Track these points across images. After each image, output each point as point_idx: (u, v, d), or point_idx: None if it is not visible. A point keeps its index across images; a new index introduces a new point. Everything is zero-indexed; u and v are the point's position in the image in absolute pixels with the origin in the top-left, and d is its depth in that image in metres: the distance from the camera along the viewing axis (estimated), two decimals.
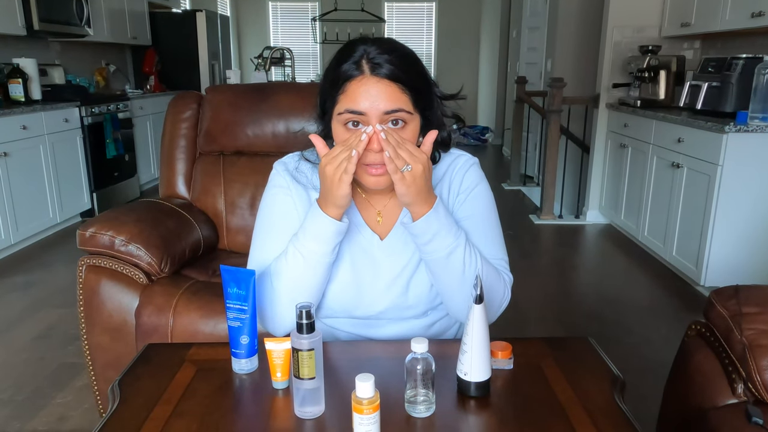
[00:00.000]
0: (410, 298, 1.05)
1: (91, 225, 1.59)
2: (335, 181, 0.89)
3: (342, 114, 0.92)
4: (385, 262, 1.04)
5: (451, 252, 0.95)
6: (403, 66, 0.92)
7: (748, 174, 2.69)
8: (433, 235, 0.94)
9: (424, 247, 0.97)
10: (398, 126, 0.92)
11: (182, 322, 1.50)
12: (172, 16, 6.21)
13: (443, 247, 0.95)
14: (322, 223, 0.94)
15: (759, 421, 0.97)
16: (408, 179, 0.88)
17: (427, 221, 0.93)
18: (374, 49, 0.91)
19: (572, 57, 4.82)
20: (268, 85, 2.28)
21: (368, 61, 0.91)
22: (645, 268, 3.35)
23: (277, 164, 1.10)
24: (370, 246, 1.04)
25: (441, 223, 0.94)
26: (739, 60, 2.94)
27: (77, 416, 1.89)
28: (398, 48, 0.94)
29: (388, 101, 0.90)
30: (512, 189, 5.42)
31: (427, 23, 9.14)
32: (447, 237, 0.95)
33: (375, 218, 1.06)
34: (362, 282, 1.04)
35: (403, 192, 0.89)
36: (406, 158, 0.88)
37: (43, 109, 3.73)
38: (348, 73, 0.91)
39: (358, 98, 0.90)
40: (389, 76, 0.90)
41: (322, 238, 0.95)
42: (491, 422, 0.85)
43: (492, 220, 1.08)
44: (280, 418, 0.86)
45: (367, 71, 0.90)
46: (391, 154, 0.87)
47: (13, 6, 3.80)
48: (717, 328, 1.11)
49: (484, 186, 1.08)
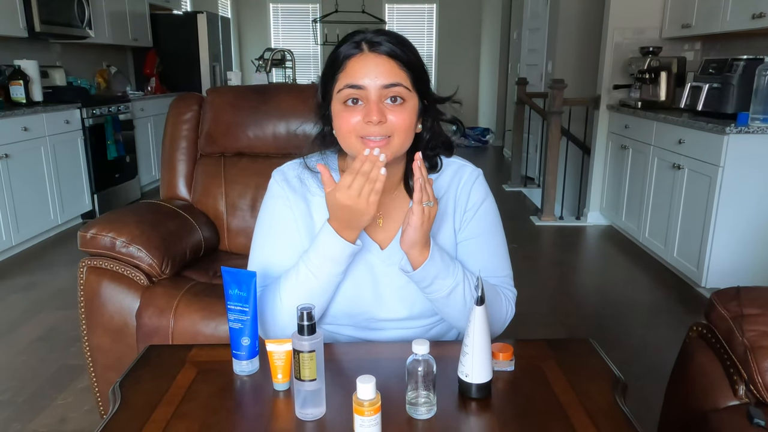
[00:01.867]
0: (415, 311, 1.05)
1: (92, 226, 1.59)
2: (362, 207, 0.88)
3: (342, 91, 0.93)
4: (386, 273, 1.03)
5: (450, 291, 0.97)
6: (401, 47, 0.94)
7: (749, 175, 2.69)
8: (433, 278, 0.96)
9: (425, 290, 0.98)
10: (397, 103, 0.93)
11: (183, 324, 1.50)
12: (173, 18, 6.22)
13: (443, 288, 0.97)
14: (337, 246, 0.93)
15: (761, 422, 0.97)
16: (426, 215, 0.89)
17: (425, 269, 0.94)
18: (373, 33, 0.94)
19: (573, 58, 4.82)
20: (269, 86, 2.28)
21: (367, 42, 0.93)
22: (646, 269, 3.34)
23: (276, 173, 1.08)
24: (370, 255, 1.03)
25: (438, 268, 0.95)
26: (739, 61, 2.94)
27: (78, 418, 1.89)
28: (396, 34, 0.97)
29: (387, 75, 0.92)
30: (513, 190, 5.42)
31: (428, 25, 9.14)
32: (446, 279, 0.96)
33: (375, 222, 1.04)
34: (362, 293, 1.03)
35: (417, 226, 0.90)
36: (431, 196, 0.90)
37: (44, 111, 3.74)
38: (347, 52, 0.93)
39: (357, 73, 0.92)
40: (388, 53, 0.92)
41: (337, 259, 0.95)
42: (492, 424, 0.85)
43: (498, 237, 1.09)
44: (281, 419, 0.86)
45: (365, 49, 0.92)
46: (424, 184, 0.88)
47: (14, 8, 3.81)
48: (718, 329, 1.11)
49: (490, 201, 1.09)
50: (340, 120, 0.95)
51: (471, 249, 1.06)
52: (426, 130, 1.02)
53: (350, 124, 0.93)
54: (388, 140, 0.93)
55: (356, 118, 0.92)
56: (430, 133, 1.02)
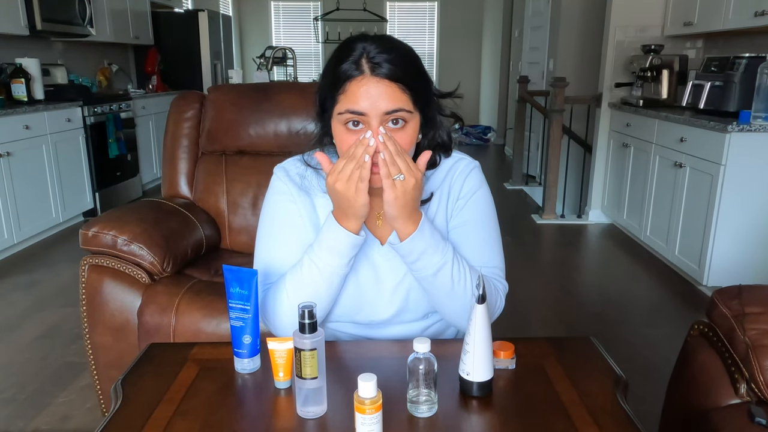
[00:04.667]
0: (410, 303, 1.05)
1: (94, 224, 1.60)
2: (351, 194, 0.89)
3: (342, 114, 0.92)
4: (386, 266, 1.04)
5: (438, 269, 0.96)
6: (403, 65, 0.92)
7: (751, 173, 2.69)
8: (420, 254, 0.95)
9: (412, 266, 0.97)
10: (399, 125, 0.92)
11: (185, 322, 1.51)
12: (175, 16, 6.21)
13: (431, 265, 0.96)
14: (339, 237, 0.94)
15: (762, 421, 0.97)
16: (399, 189, 0.88)
17: (412, 242, 0.93)
18: (373, 47, 0.91)
19: (574, 56, 4.82)
20: (270, 84, 2.28)
21: (368, 61, 0.90)
22: (647, 267, 3.34)
23: (278, 169, 1.08)
24: (371, 250, 1.04)
25: (427, 243, 0.94)
26: (741, 59, 2.93)
27: (80, 415, 1.90)
28: (397, 46, 0.94)
29: (388, 101, 0.90)
30: (514, 189, 5.42)
31: (429, 23, 9.13)
32: (434, 255, 0.95)
33: (374, 222, 1.05)
34: (364, 287, 1.04)
35: (390, 201, 0.89)
36: (402, 168, 0.88)
37: (45, 109, 3.74)
38: (348, 73, 0.90)
39: (359, 99, 0.90)
40: (389, 76, 0.90)
41: (340, 251, 0.95)
42: (494, 422, 0.85)
43: (490, 227, 1.07)
44: (283, 417, 0.86)
45: (367, 71, 0.90)
46: (387, 158, 0.88)
47: (15, 6, 3.81)
48: (720, 327, 1.11)
49: (485, 191, 1.08)
50: (340, 140, 0.94)
51: (461, 236, 1.05)
52: (426, 139, 1.02)
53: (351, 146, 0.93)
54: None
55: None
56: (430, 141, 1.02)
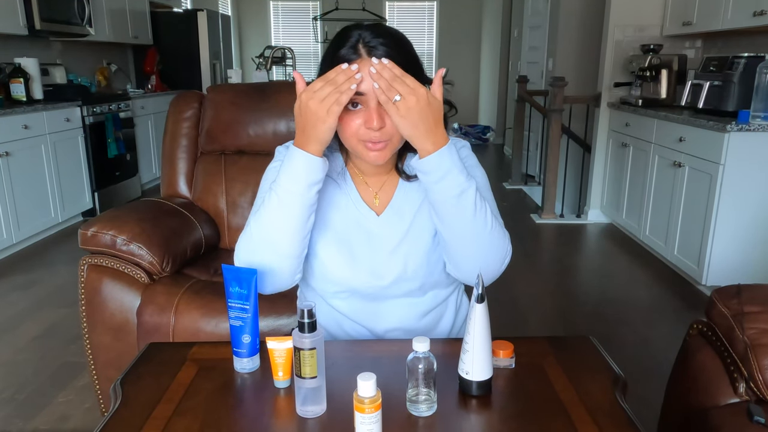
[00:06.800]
0: (408, 270, 1.05)
1: (93, 224, 1.60)
2: (322, 113, 0.89)
3: None
4: (381, 235, 1.06)
5: (463, 191, 0.93)
6: (397, 48, 0.95)
7: (750, 173, 2.69)
8: (446, 172, 0.92)
9: (435, 186, 0.94)
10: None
11: (184, 321, 1.51)
12: (174, 16, 6.21)
13: (455, 185, 0.93)
14: (298, 159, 0.93)
15: (761, 420, 0.97)
16: (402, 110, 0.88)
17: (440, 156, 0.92)
18: (369, 33, 0.95)
19: (574, 56, 4.82)
20: (270, 84, 2.28)
21: (364, 45, 0.93)
22: (646, 267, 3.34)
23: (280, 147, 1.10)
24: (366, 221, 1.06)
25: (454, 162, 0.93)
26: (740, 59, 2.93)
27: (79, 415, 1.90)
28: (391, 32, 0.97)
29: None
30: (513, 188, 5.42)
31: (428, 22, 9.13)
32: (459, 176, 0.93)
33: (372, 200, 1.07)
34: (358, 252, 1.05)
35: (399, 122, 0.90)
36: (400, 90, 0.88)
37: (44, 109, 3.74)
38: (346, 57, 0.93)
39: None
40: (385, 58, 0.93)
41: (298, 174, 0.94)
42: (493, 421, 0.85)
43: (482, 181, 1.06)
44: (282, 417, 0.86)
45: (364, 54, 0.93)
46: (383, 86, 0.89)
47: (14, 6, 3.80)
48: (719, 327, 1.11)
49: (475, 161, 1.08)
50: (341, 123, 0.95)
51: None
52: None
53: (351, 129, 0.95)
54: (386, 143, 0.96)
55: (357, 122, 0.94)
56: None
